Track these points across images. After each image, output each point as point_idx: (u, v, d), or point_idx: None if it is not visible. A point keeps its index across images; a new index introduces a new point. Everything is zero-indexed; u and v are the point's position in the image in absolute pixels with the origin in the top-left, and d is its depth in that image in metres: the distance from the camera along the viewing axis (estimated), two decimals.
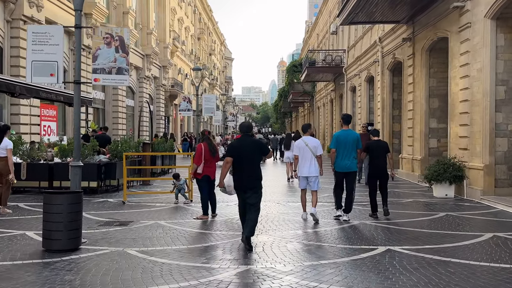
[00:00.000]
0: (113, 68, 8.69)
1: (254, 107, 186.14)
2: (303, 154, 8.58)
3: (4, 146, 8.81)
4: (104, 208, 10.00)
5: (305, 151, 8.56)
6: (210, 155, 8.72)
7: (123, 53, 8.72)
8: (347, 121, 8.93)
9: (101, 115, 28.82)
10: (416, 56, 15.36)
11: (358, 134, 9.58)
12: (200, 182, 8.79)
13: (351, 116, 10.00)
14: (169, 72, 44.71)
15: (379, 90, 19.67)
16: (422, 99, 14.84)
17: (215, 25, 79.42)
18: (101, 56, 8.66)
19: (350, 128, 9.11)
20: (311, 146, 8.57)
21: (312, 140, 8.86)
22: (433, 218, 8.90)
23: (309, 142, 8.64)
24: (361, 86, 23.46)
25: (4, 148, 8.80)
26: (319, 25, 41.09)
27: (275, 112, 75.41)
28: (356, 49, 24.66)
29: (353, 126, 26.21)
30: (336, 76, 30.16)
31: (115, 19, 28.97)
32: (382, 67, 19.30)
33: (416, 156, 15.22)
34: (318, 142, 8.99)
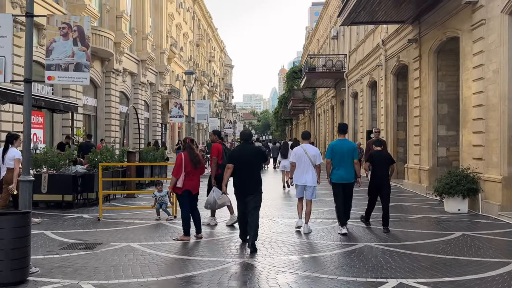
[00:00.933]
0: (70, 64, 7.22)
1: (255, 115, 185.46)
2: (301, 162, 8.27)
3: (12, 156, 8.45)
4: (74, 226, 8.86)
5: (303, 159, 8.26)
6: (192, 166, 7.57)
7: (82, 46, 7.25)
8: (343, 131, 8.69)
9: (93, 122, 27.76)
10: (422, 58, 14.29)
11: (355, 144, 9.30)
12: (181, 197, 7.64)
13: (347, 125, 9.68)
14: (166, 79, 43.75)
15: (383, 95, 18.58)
16: (430, 105, 13.73)
17: (215, 32, 78.66)
18: (56, 50, 7.21)
19: (347, 138, 8.83)
20: (310, 154, 8.26)
21: (311, 148, 8.53)
22: (449, 240, 7.74)
23: (308, 150, 8.34)
24: (363, 92, 22.38)
25: (11, 159, 8.44)
26: (320, 30, 40.13)
27: (276, 119, 74.36)
28: (358, 53, 23.62)
29: (355, 134, 25.14)
30: (337, 82, 29.11)
31: (107, 23, 27.99)
32: (386, 71, 18.23)
33: (423, 166, 14.09)
34: (317, 150, 8.61)
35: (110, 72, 27.90)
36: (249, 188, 7.08)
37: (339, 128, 8.83)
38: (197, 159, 7.63)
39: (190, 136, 7.58)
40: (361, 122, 22.81)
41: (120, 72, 29.11)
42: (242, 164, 7.09)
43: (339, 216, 8.26)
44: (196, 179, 7.71)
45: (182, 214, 7.66)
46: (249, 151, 7.29)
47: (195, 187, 7.67)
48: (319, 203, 11.69)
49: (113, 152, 12.73)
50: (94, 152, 11.87)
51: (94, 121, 27.78)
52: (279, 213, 10.77)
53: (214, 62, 79.91)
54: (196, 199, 7.79)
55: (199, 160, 7.68)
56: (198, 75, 61.34)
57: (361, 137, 22.84)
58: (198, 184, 7.79)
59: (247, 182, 7.09)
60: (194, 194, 7.70)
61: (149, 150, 16.54)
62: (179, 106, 17.03)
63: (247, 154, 7.22)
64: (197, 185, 7.73)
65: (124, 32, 28.35)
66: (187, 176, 7.52)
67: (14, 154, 8.49)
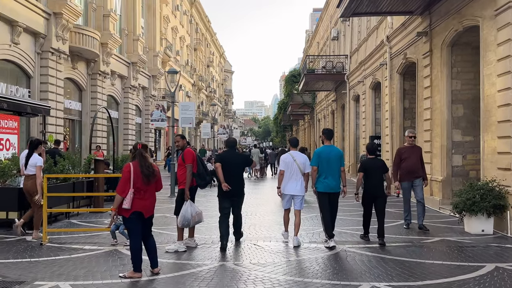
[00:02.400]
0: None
1: (255, 121, 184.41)
2: (290, 170, 7.93)
3: (33, 163, 8.06)
4: (8, 253, 7.08)
5: (292, 167, 7.92)
6: (143, 181, 5.73)
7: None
8: (330, 136, 8.22)
9: (77, 127, 26.04)
10: (434, 54, 12.54)
11: (341, 150, 8.83)
12: (129, 222, 5.79)
13: (333, 130, 9.17)
14: (161, 83, 42.12)
15: (387, 97, 16.82)
16: (443, 106, 11.97)
17: (213, 36, 77.18)
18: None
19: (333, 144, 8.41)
20: (299, 162, 7.91)
21: (300, 156, 8.08)
22: (480, 277, 5.93)
23: (297, 158, 7.96)
24: (366, 94, 20.62)
25: (33, 166, 8.05)
26: (320, 32, 38.48)
27: (275, 125, 72.61)
28: (360, 53, 21.89)
29: (357, 140, 23.36)
30: (338, 85, 27.37)
31: (94, 22, 26.34)
32: (391, 70, 16.48)
33: (435, 176, 12.29)
34: (306, 158, 8.13)
35: (96, 74, 26.21)
36: (235, 190, 7.65)
37: (325, 133, 8.22)
38: (150, 170, 5.80)
39: (142, 142, 5.76)
40: (364, 127, 21.03)
41: (108, 75, 27.41)
42: (228, 168, 7.64)
43: (327, 228, 7.72)
44: (150, 197, 5.88)
45: (131, 244, 5.86)
46: (235, 157, 7.90)
47: (148, 208, 5.85)
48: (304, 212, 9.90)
49: (75, 160, 10.94)
50: (48, 160, 10.07)
51: (78, 126, 26.05)
52: (267, 233, 8.98)
53: (212, 67, 78.36)
54: (150, 224, 6.00)
55: (153, 172, 5.84)
56: (195, 80, 59.81)
57: (363, 143, 21.05)
58: (153, 204, 5.97)
59: (232, 184, 7.57)
60: (147, 218, 5.90)
61: (124, 158, 14.74)
62: (161, 109, 15.27)
63: (233, 159, 7.82)
64: (150, 206, 5.91)
65: (112, 32, 26.69)
66: (137, 194, 5.71)
67: (36, 161, 8.10)
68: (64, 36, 21.43)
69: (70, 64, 23.83)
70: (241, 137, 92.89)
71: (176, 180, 8.07)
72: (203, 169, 7.81)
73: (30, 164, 8.06)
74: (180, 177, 7.66)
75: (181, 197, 7.61)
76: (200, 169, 7.71)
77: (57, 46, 20.86)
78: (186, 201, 7.47)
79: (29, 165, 8.06)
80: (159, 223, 9.69)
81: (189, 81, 56.53)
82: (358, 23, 22.37)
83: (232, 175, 7.65)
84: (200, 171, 7.70)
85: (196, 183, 7.65)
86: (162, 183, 6.10)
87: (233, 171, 7.68)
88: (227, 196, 7.66)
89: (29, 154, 8.18)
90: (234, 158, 7.85)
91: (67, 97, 24.49)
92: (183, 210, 7.42)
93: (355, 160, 23.31)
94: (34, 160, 8.10)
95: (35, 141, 8.47)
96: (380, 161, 8.57)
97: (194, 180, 7.60)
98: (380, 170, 8.11)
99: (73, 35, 22.86)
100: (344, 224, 9.89)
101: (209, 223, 9.70)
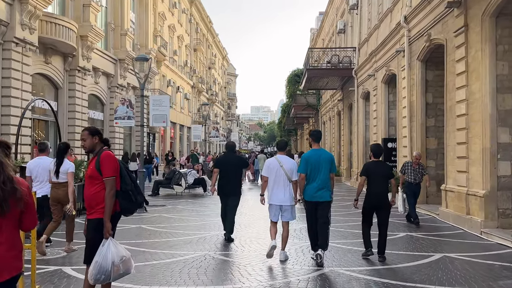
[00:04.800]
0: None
1: (261, 126, 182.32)
2: (275, 176, 7.02)
3: (65, 169, 7.52)
4: None
5: (278, 173, 7.01)
6: None
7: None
8: (318, 139, 7.31)
9: (53, 129, 23.28)
10: (471, 29, 9.62)
11: (332, 154, 7.80)
12: None
13: (321, 132, 8.16)
14: (155, 83, 39.42)
15: (405, 91, 13.88)
16: (485, 97, 9.03)
17: (216, 38, 74.60)
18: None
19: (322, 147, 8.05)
20: (286, 168, 7.01)
21: (288, 161, 7.20)
22: None
23: (284, 163, 7.06)
24: (377, 90, 17.68)
25: (65, 172, 7.50)
26: (325, 28, 35.63)
27: (279, 130, 69.70)
28: (370, 43, 18.98)
29: (366, 143, 20.41)
30: (344, 82, 24.44)
31: (72, 12, 23.62)
32: (410, 57, 13.56)
33: (474, 189, 9.33)
34: (295, 164, 7.22)
35: (74, 70, 23.45)
36: (232, 190, 8.36)
37: (313, 135, 7.33)
38: (7, 189, 2.87)
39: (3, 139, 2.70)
40: (375, 129, 18.07)
41: (89, 71, 24.63)
42: (227, 170, 8.42)
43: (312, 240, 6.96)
44: (7, 237, 2.96)
45: None
46: (233, 159, 8.68)
47: None
48: None
49: None
50: None
51: (54, 129, 23.30)
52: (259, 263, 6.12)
53: (214, 69, 75.71)
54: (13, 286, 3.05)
55: (10, 193, 2.90)
56: (195, 82, 57.10)
57: None
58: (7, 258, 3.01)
59: (229, 185, 8.35)
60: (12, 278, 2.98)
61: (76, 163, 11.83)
62: (128, 104, 12.44)
63: (231, 161, 8.59)
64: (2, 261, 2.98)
65: (93, 24, 23.96)
66: None
67: (68, 167, 7.58)
68: (32, 24, 18.71)
69: (42, 58, 21.11)
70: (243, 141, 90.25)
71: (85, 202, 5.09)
72: (132, 184, 4.85)
73: (62, 171, 7.45)
74: (91, 198, 4.64)
75: (95, 232, 4.61)
76: (127, 185, 4.74)
77: (22, 35, 18.12)
78: (105, 240, 4.52)
79: (61, 172, 7.46)
80: None
81: (188, 83, 53.84)
82: (368, 9, 19.49)
83: (229, 176, 8.38)
84: (127, 187, 4.74)
85: (120, 207, 4.68)
86: None
87: (230, 172, 8.40)
88: (224, 194, 8.43)
89: (60, 160, 7.51)
90: (232, 160, 8.63)
91: (41, 95, 21.80)
92: (99, 256, 4.45)
93: None
94: (66, 166, 7.54)
95: (63, 145, 7.76)
96: (386, 166, 7.62)
97: (117, 202, 4.66)
98: (385, 176, 7.16)
99: (44, 24, 20.17)
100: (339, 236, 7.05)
101: None
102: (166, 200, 15.52)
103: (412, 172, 10.29)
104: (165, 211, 12.71)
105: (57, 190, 7.47)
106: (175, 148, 49.57)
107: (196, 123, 49.65)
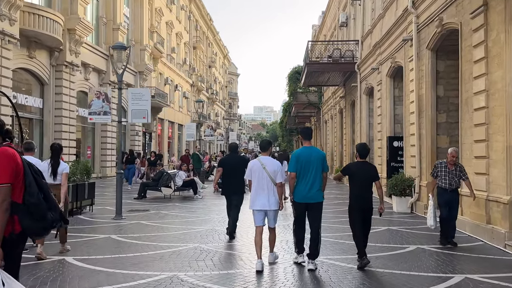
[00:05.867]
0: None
1: (263, 126, 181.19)
2: (258, 179, 6.49)
3: (61, 170, 7.39)
4: None
5: (261, 176, 6.49)
6: None
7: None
8: (308, 136, 6.88)
9: (38, 127, 22.05)
10: (491, 8, 8.30)
11: (323, 152, 7.00)
12: None
13: (311, 129, 8.11)
14: (152, 81, 38.18)
15: (413, 84, 12.55)
16: (510, 86, 7.71)
17: (216, 36, 73.30)
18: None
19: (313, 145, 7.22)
20: (269, 170, 6.49)
21: (271, 162, 6.62)
22: None
23: (267, 165, 6.55)
24: (382, 85, 16.36)
25: (60, 173, 7.35)
26: (327, 23, 34.30)
27: (281, 129, 68.30)
28: (374, 35, 17.66)
29: (370, 142, 19.10)
30: (347, 78, 23.10)
31: (60, 5, 22.39)
32: (418, 47, 12.23)
33: (496, 194, 8.01)
34: (279, 165, 6.64)
35: (62, 66, 22.24)
36: (234, 189, 8.66)
37: (303, 132, 7.02)
38: None
39: None
40: (379, 127, 16.74)
41: (78, 67, 23.41)
42: (229, 169, 8.70)
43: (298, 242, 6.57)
44: None
45: None
46: (235, 160, 8.98)
47: None
48: None
49: None
50: None
51: (39, 126, 22.07)
52: None
53: (215, 68, 74.45)
54: None
55: None
56: (194, 80, 55.82)
57: (378, 146, 16.77)
58: None
59: (232, 184, 8.64)
60: None
61: None
62: (104, 98, 11.15)
63: (234, 162, 8.86)
64: None
65: (81, 17, 22.71)
66: None
67: (64, 167, 7.49)
68: (12, 15, 17.51)
69: (25, 52, 19.91)
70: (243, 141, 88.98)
71: None
72: (41, 195, 3.48)
73: (60, 173, 7.37)
74: None
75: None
76: (32, 196, 3.37)
77: (1, 27, 16.95)
78: None
79: (58, 173, 7.37)
80: None
81: (187, 81, 52.58)
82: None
83: (231, 176, 8.63)
84: (30, 199, 3.38)
85: (22, 226, 3.35)
86: None
87: (232, 172, 8.65)
88: (227, 193, 8.77)
89: (55, 161, 7.42)
90: (234, 160, 8.93)
91: (23, 91, 20.58)
92: None
93: None
94: (63, 167, 7.49)
95: (58, 146, 7.61)
96: (371, 167, 7.06)
97: (16, 219, 3.32)
98: (369, 178, 6.76)
99: (26, 15, 18.95)
100: None
101: None
102: (151, 204, 14.26)
103: (447, 175, 8.01)
104: (146, 217, 11.43)
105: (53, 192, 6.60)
106: (173, 148, 48.33)
107: (195, 122, 48.23)
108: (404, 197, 12.28)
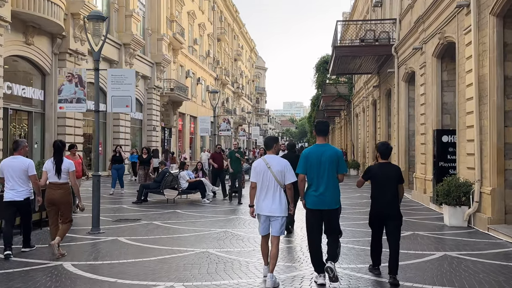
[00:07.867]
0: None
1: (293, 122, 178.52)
2: (263, 181, 5.70)
3: (66, 168, 7.16)
4: None
5: (265, 177, 5.68)
6: None
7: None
8: (323, 132, 5.89)
9: (40, 121, 20.24)
10: None
11: (339, 150, 5.96)
12: None
13: (328, 123, 6.32)
14: (171, 73, 36.19)
15: (471, 62, 9.78)
16: None
17: (242, 28, 70.98)
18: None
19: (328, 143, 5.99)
20: (275, 170, 5.66)
21: (278, 161, 5.76)
22: None
23: (273, 164, 5.71)
24: (426, 68, 13.57)
25: (66, 172, 7.14)
26: (358, 7, 31.41)
27: (309, 124, 65.49)
28: (415, 10, 14.85)
29: (409, 137, 16.36)
30: (381, 64, 20.28)
31: None
32: (478, 13, 9.46)
33: None
34: (286, 164, 5.77)
35: (65, 54, 20.34)
36: None
37: (317, 127, 5.91)
38: None
39: None
40: (422, 118, 13.95)
41: (83, 55, 21.43)
42: None
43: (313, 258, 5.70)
44: None
45: None
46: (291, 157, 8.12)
47: None
48: None
49: None
50: None
51: (40, 121, 20.25)
52: None
53: (241, 61, 72.16)
54: None
55: None
56: (218, 73, 53.63)
57: (421, 141, 14.00)
58: None
59: None
60: None
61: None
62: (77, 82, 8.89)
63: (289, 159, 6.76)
64: None
65: (86, 0, 20.71)
66: None
67: (69, 166, 7.22)
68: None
69: (21, 38, 18.02)
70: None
71: None
72: None
73: (64, 171, 7.10)
74: None
75: None
76: None
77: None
78: None
79: (63, 171, 7.10)
80: None
81: (211, 75, 50.47)
82: None
83: None
84: None
85: None
86: None
87: None
88: None
89: (59, 159, 7.17)
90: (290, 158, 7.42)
91: (19, 81, 18.74)
92: None
93: (407, 167, 16.23)
94: (67, 165, 7.16)
95: (60, 143, 7.36)
96: (395, 168, 6.06)
97: None
98: (393, 180, 5.86)
99: None
100: None
101: None
102: (148, 211, 12.04)
103: None
104: (129, 230, 9.16)
105: (53, 191, 7.07)
106: (195, 144, 46.29)
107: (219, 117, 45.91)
108: (460, 207, 9.57)
